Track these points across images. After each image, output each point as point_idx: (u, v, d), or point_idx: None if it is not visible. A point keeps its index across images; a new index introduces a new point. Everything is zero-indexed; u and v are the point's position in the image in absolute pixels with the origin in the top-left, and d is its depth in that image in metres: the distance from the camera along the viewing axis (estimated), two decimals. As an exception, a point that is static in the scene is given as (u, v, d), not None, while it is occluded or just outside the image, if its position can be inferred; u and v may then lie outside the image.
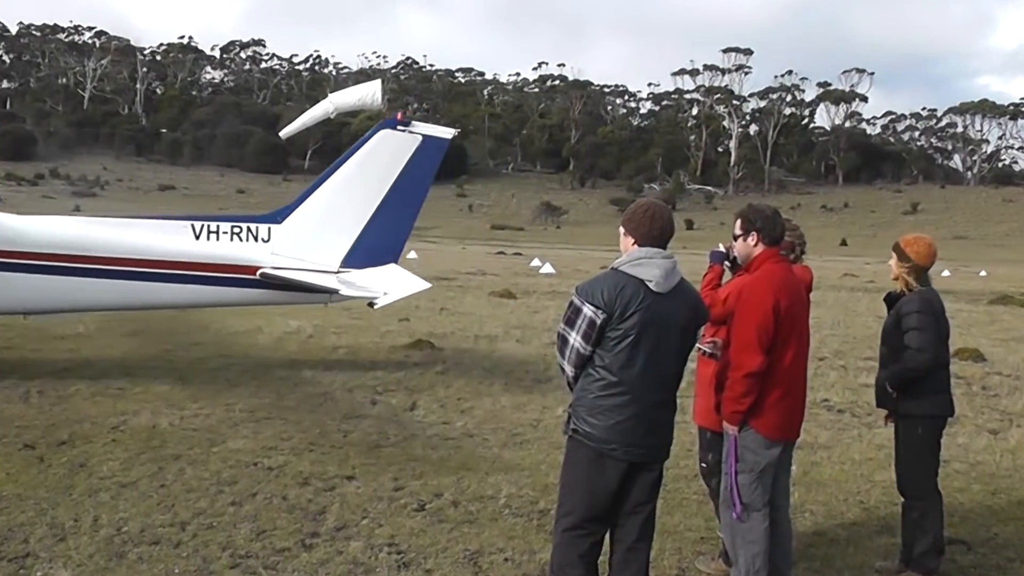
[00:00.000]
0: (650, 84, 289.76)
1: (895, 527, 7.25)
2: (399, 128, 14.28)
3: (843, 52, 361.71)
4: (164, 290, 13.14)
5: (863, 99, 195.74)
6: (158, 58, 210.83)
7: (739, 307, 5.96)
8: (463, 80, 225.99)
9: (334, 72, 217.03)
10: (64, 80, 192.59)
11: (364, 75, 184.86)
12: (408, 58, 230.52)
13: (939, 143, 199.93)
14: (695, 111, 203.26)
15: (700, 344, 6.56)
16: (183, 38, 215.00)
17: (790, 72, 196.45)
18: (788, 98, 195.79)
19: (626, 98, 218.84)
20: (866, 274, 52.69)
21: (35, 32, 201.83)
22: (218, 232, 13.62)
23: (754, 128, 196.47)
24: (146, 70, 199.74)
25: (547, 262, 48.70)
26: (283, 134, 16.15)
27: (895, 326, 6.67)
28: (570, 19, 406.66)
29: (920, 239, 6.80)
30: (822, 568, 6.92)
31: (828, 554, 7.16)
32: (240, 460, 8.95)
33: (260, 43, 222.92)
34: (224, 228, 13.67)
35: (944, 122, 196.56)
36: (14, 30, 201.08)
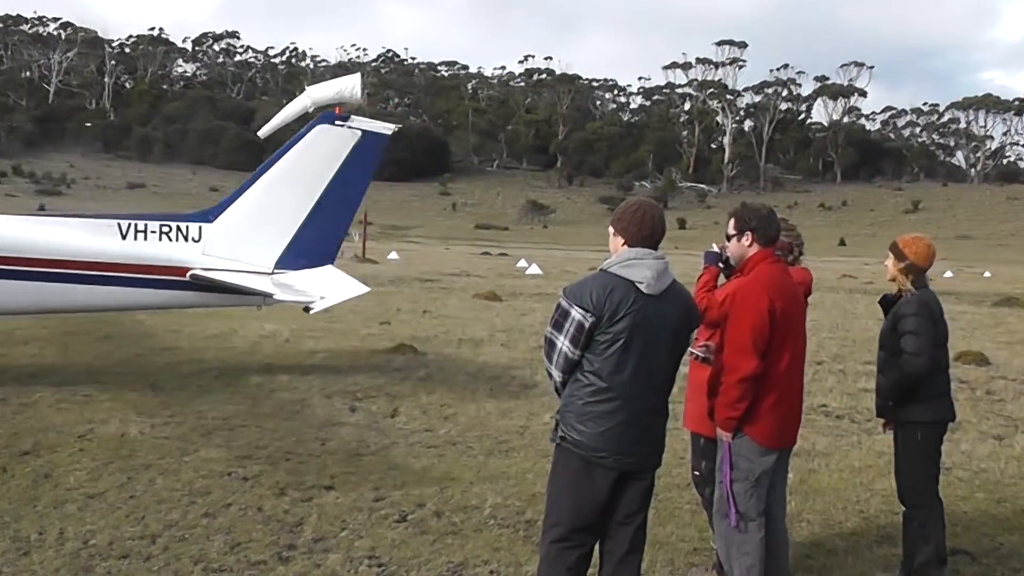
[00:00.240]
0: (640, 78, 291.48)
1: (896, 537, 7.27)
2: (337, 123, 14.19)
3: (841, 45, 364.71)
4: (85, 292, 12.86)
5: (862, 94, 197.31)
6: (127, 50, 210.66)
7: (733, 309, 5.97)
8: (446, 74, 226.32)
9: (312, 65, 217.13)
10: (28, 73, 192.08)
11: (343, 68, 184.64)
12: (389, 51, 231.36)
13: (941, 139, 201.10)
14: (687, 106, 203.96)
15: (693, 348, 6.58)
16: (153, 29, 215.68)
17: (786, 66, 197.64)
18: (784, 93, 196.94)
19: (616, 92, 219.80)
20: (865, 275, 52.81)
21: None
22: (146, 231, 13.40)
23: (749, 124, 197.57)
24: (114, 63, 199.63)
25: (533, 263, 48.76)
26: (262, 134, 16.12)
27: (892, 329, 6.70)
28: (558, 10, 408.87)
29: (919, 239, 6.83)
30: (820, 580, 6.94)
31: (826, 565, 7.16)
32: (213, 470, 8.92)
33: (234, 35, 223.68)
34: (152, 227, 13.46)
35: (946, 118, 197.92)
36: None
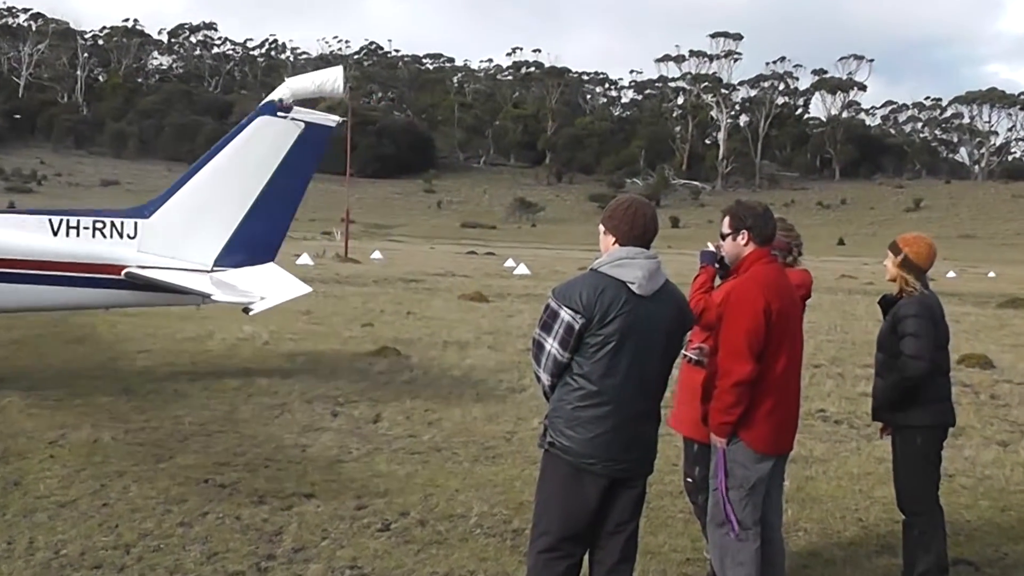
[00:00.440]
0: (632, 71, 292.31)
1: (895, 546, 7.29)
2: (279, 114, 14.03)
3: (840, 37, 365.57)
4: (14, 291, 12.70)
5: (861, 88, 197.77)
6: (100, 42, 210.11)
7: (727, 311, 5.96)
8: (431, 67, 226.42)
9: (292, 58, 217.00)
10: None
11: (324, 61, 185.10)
12: (372, 43, 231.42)
13: (944, 135, 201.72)
14: (681, 100, 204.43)
15: (686, 351, 6.59)
16: (127, 21, 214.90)
17: (783, 59, 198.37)
18: (781, 87, 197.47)
19: (606, 86, 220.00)
20: (865, 275, 52.94)
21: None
22: (78, 228, 13.26)
23: (744, 119, 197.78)
24: (87, 56, 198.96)
25: (521, 263, 48.79)
26: None
27: (891, 331, 6.70)
28: (547, 1, 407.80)
29: (919, 238, 6.84)
30: (817, 590, 6.97)
31: (824, 575, 7.19)
32: (190, 477, 8.90)
33: (211, 27, 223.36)
34: (85, 223, 13.32)
35: (949, 112, 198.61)
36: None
